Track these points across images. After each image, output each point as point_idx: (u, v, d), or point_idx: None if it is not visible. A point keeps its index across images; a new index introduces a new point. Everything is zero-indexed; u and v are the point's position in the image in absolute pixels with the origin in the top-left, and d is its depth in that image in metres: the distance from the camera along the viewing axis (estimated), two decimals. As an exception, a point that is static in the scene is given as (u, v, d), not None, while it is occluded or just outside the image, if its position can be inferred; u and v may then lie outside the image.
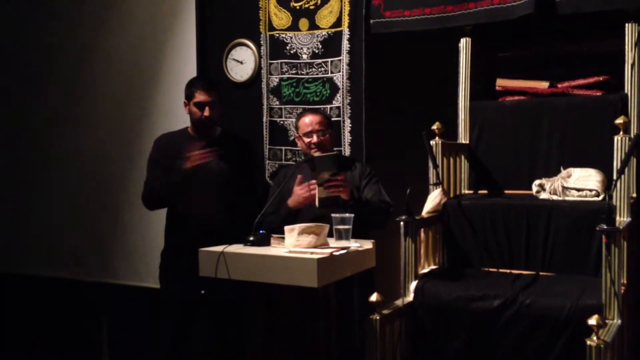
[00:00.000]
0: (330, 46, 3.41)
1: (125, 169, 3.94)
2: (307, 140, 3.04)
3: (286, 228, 2.53)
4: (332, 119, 3.31)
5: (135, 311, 3.98)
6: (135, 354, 4.03)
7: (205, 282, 2.65)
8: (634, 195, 2.62)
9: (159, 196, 3.16)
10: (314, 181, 2.82)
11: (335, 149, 3.25)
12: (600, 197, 2.61)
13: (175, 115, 3.63)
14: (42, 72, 4.30)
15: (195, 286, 3.09)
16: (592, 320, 1.97)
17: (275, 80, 3.59)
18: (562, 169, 2.79)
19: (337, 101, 3.40)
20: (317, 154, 2.96)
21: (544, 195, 2.73)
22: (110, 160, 4.05)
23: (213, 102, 3.11)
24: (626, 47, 2.73)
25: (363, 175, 3.03)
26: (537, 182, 2.79)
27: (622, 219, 2.39)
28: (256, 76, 3.67)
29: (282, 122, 3.59)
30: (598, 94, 2.89)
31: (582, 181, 2.67)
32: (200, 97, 3.09)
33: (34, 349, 4.39)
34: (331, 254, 2.38)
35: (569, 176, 2.72)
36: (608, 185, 2.62)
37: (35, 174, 4.36)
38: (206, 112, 3.09)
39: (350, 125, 3.37)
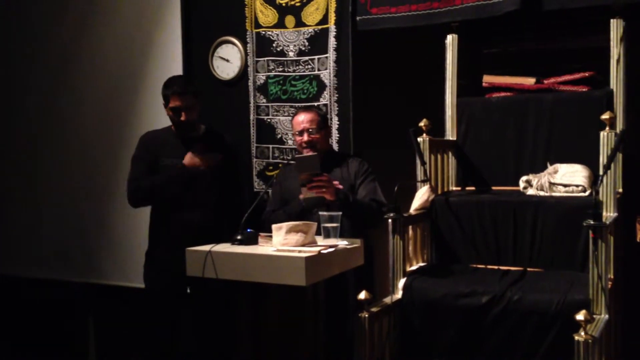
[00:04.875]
0: (317, 43, 3.40)
1: (111, 168, 3.90)
2: (298, 138, 3.03)
3: (274, 226, 2.52)
4: (320, 116, 3.31)
5: (122, 311, 3.95)
6: (122, 353, 4.00)
7: (191, 281, 2.63)
8: (620, 190, 2.64)
9: (150, 192, 3.09)
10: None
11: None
12: (587, 193, 2.62)
13: (161, 113, 3.57)
14: (27, 71, 4.25)
15: (181, 285, 3.07)
16: (580, 316, 1.98)
17: (261, 78, 3.58)
18: (548, 164, 2.80)
19: (325, 98, 3.39)
20: (308, 153, 2.95)
21: (531, 191, 2.74)
22: (96, 159, 4.01)
23: (188, 106, 3.07)
24: (611, 42, 2.74)
25: (359, 173, 3.01)
26: (524, 178, 2.80)
27: (609, 214, 2.40)
28: (242, 74, 3.65)
29: (269, 120, 3.57)
30: (584, 89, 2.91)
31: (568, 177, 2.68)
32: (174, 102, 3.06)
33: (21, 349, 4.35)
34: (319, 252, 2.37)
35: (555, 172, 2.73)
36: (594, 180, 2.63)
37: (20, 174, 4.32)
38: (182, 117, 3.07)
39: (338, 122, 3.36)
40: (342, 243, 2.56)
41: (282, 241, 2.47)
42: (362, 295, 2.32)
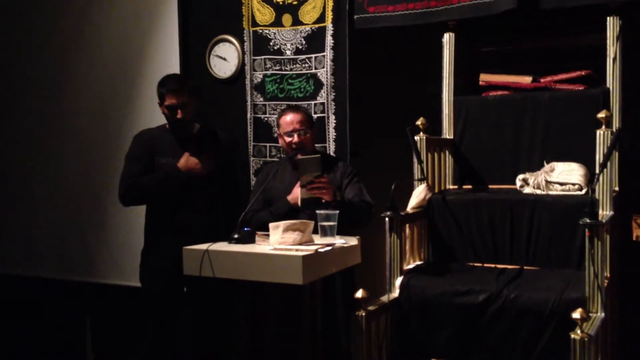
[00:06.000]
0: (314, 42, 3.40)
1: (108, 166, 3.89)
2: (287, 139, 3.02)
3: (271, 225, 2.52)
4: (316, 115, 3.31)
5: (120, 310, 3.95)
6: (120, 353, 4.00)
7: (187, 280, 2.63)
8: (616, 188, 2.64)
9: (144, 192, 3.08)
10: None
11: (319, 145, 3.25)
12: (583, 191, 2.62)
13: (158, 112, 3.60)
14: (25, 69, 4.25)
15: (177, 284, 3.07)
16: (576, 314, 1.99)
17: (259, 76, 3.57)
18: (545, 163, 2.81)
19: (322, 97, 3.39)
20: (298, 155, 2.94)
21: (527, 190, 2.75)
22: (94, 158, 4.01)
23: (183, 104, 3.06)
24: (608, 41, 2.74)
25: (345, 174, 3.01)
26: (520, 176, 2.80)
27: (605, 212, 2.41)
28: (240, 72, 3.65)
29: (266, 119, 3.57)
30: (580, 88, 2.91)
31: (565, 175, 2.69)
32: (169, 100, 3.05)
33: (18, 348, 4.35)
34: (316, 250, 2.38)
35: (552, 170, 2.74)
36: (591, 179, 2.63)
37: (18, 173, 4.31)
38: (178, 115, 3.06)
39: (335, 121, 3.36)
40: (339, 242, 2.56)
41: (279, 240, 2.47)
42: (360, 293, 2.32)
